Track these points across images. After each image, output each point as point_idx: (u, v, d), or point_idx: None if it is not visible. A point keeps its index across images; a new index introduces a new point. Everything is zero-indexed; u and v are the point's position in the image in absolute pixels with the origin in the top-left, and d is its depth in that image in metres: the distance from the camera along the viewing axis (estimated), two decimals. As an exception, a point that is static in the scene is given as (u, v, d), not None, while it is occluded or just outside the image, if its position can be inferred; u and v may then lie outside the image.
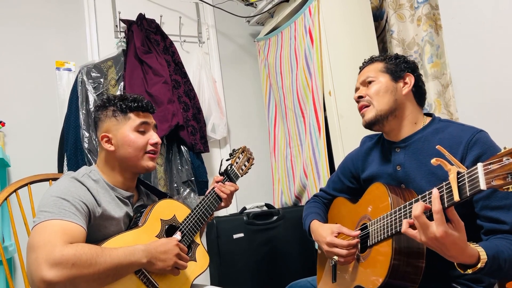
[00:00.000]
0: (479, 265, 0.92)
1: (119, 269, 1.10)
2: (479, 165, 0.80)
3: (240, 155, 1.62)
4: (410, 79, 1.28)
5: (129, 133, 1.29)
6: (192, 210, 1.41)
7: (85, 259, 1.04)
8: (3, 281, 1.73)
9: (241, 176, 1.58)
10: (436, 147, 0.94)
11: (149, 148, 1.32)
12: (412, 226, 0.96)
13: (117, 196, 1.29)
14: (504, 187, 0.74)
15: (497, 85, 1.54)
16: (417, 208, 0.92)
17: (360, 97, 1.31)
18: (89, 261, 1.05)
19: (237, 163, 1.58)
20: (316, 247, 2.16)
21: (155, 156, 1.34)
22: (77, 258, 1.03)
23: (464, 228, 0.91)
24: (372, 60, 1.35)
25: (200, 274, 1.36)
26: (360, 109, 1.31)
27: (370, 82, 1.29)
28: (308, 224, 1.45)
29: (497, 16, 1.53)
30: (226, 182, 1.51)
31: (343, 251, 1.24)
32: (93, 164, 1.37)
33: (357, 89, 1.35)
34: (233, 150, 1.63)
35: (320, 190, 1.61)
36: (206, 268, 1.39)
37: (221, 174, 1.54)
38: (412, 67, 1.30)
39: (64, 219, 1.10)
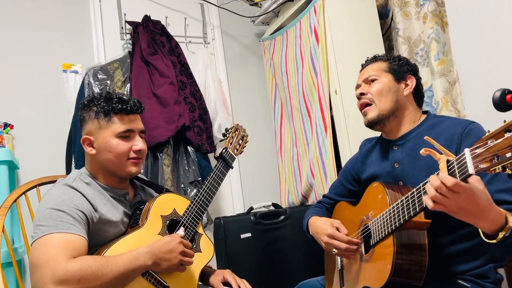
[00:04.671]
0: (510, 223, 0.88)
1: (125, 275, 1.10)
2: (466, 150, 0.82)
3: (234, 135, 1.58)
4: (412, 81, 1.30)
5: (110, 138, 1.23)
6: (191, 201, 1.40)
7: (91, 273, 1.02)
8: (14, 282, 1.75)
9: (237, 156, 1.55)
10: (424, 138, 0.96)
11: (132, 155, 1.26)
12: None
13: (112, 196, 1.27)
14: (491, 169, 0.75)
15: (504, 81, 1.53)
16: (436, 180, 0.87)
17: (362, 94, 1.32)
18: (95, 273, 1.03)
19: (231, 143, 1.56)
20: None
21: (139, 161, 1.29)
22: (82, 273, 1.01)
23: (480, 179, 0.89)
24: (375, 58, 1.37)
25: (207, 263, 1.37)
26: (361, 106, 1.33)
27: (373, 81, 1.31)
28: (307, 221, 1.49)
29: (503, 12, 1.51)
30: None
31: (343, 245, 1.25)
32: None
33: (358, 86, 1.37)
34: (226, 130, 1.59)
35: (323, 196, 1.62)
36: (212, 256, 1.39)
37: (216, 158, 1.51)
38: (414, 70, 1.33)
39: (62, 231, 1.07)
